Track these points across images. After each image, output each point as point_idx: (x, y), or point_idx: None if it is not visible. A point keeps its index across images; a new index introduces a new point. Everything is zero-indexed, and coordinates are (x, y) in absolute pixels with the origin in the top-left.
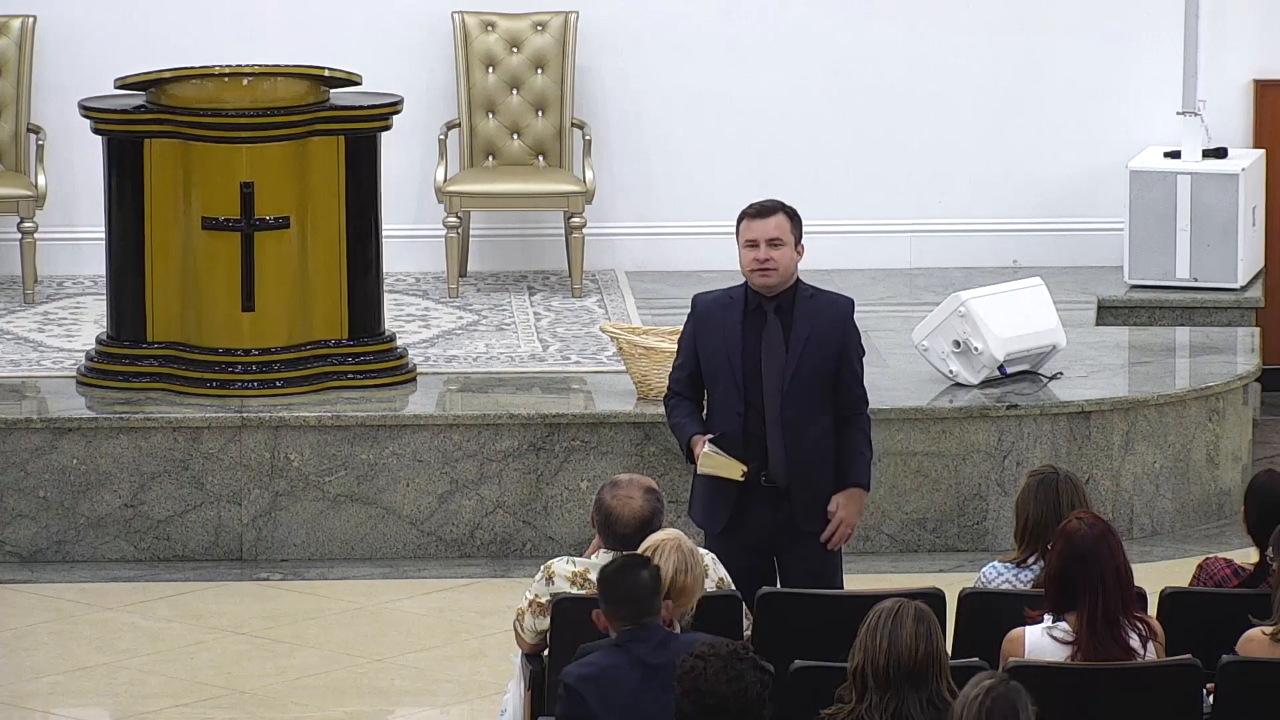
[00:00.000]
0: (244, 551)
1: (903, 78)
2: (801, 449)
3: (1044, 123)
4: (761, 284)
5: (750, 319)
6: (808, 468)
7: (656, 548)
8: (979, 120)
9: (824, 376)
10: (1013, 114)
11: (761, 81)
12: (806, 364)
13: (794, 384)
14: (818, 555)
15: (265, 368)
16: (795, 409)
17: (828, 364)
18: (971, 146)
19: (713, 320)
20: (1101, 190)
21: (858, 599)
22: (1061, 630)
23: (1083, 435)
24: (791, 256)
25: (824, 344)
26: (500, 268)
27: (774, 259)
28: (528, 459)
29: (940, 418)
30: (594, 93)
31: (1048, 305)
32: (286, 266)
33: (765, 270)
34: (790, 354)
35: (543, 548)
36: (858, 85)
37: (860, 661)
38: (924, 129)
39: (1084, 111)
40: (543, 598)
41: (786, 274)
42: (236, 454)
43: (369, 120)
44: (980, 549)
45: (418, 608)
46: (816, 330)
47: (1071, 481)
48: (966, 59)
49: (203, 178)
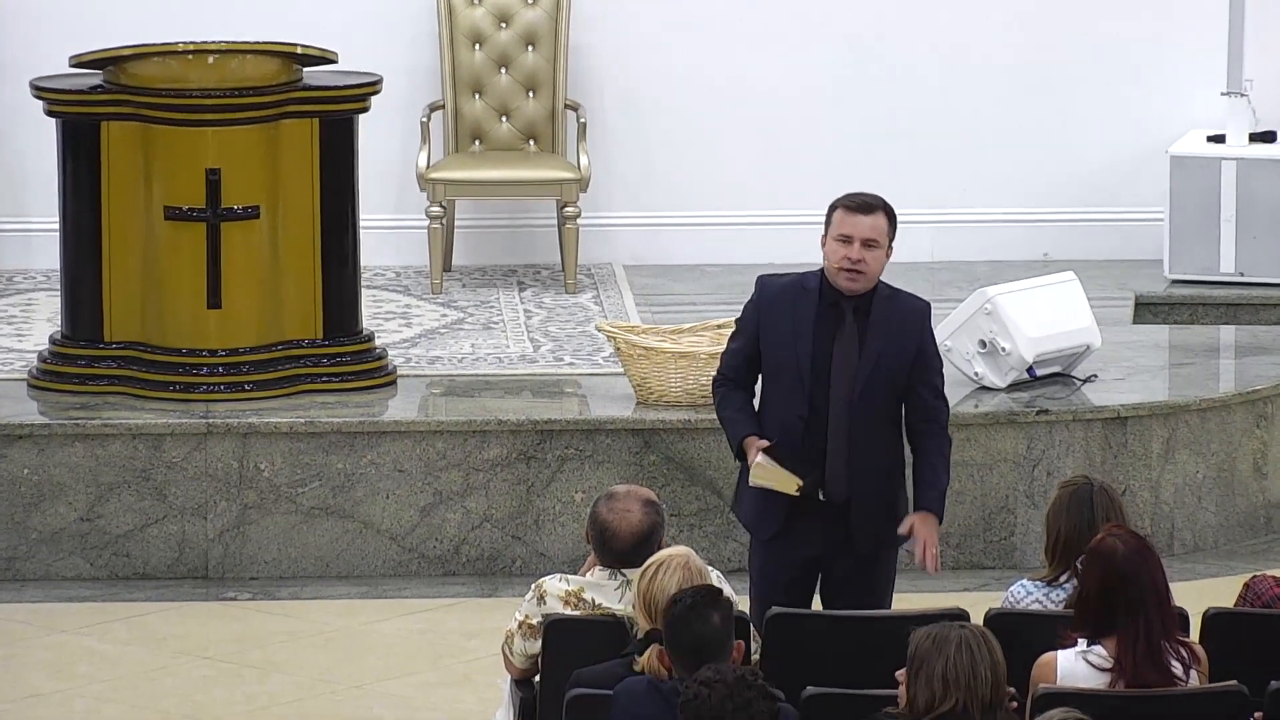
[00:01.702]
0: (210, 569)
1: (924, 55)
2: (865, 465)
3: (1077, 104)
4: (848, 287)
5: (824, 316)
6: (870, 485)
7: (662, 564)
8: (1006, 101)
9: (896, 387)
10: (1043, 94)
11: (771, 59)
12: (880, 374)
13: (865, 395)
14: (871, 574)
15: (233, 370)
16: (863, 422)
17: (901, 374)
18: (998, 130)
19: (781, 309)
20: (1140, 177)
21: (874, 620)
22: (1097, 655)
23: (1119, 443)
24: (883, 261)
25: (900, 352)
26: (487, 261)
27: (866, 261)
28: (517, 469)
29: (964, 424)
30: (590, 72)
31: (1081, 302)
32: (256, 260)
33: (855, 273)
34: (864, 362)
35: (534, 565)
36: (875, 63)
37: (928, 699)
38: (946, 110)
39: (1120, 91)
40: (534, 619)
41: (875, 279)
42: (202, 463)
43: (345, 101)
44: (1007, 566)
45: (398, 630)
46: (894, 337)
47: (1106, 493)
48: (993, 34)
49: (165, 164)
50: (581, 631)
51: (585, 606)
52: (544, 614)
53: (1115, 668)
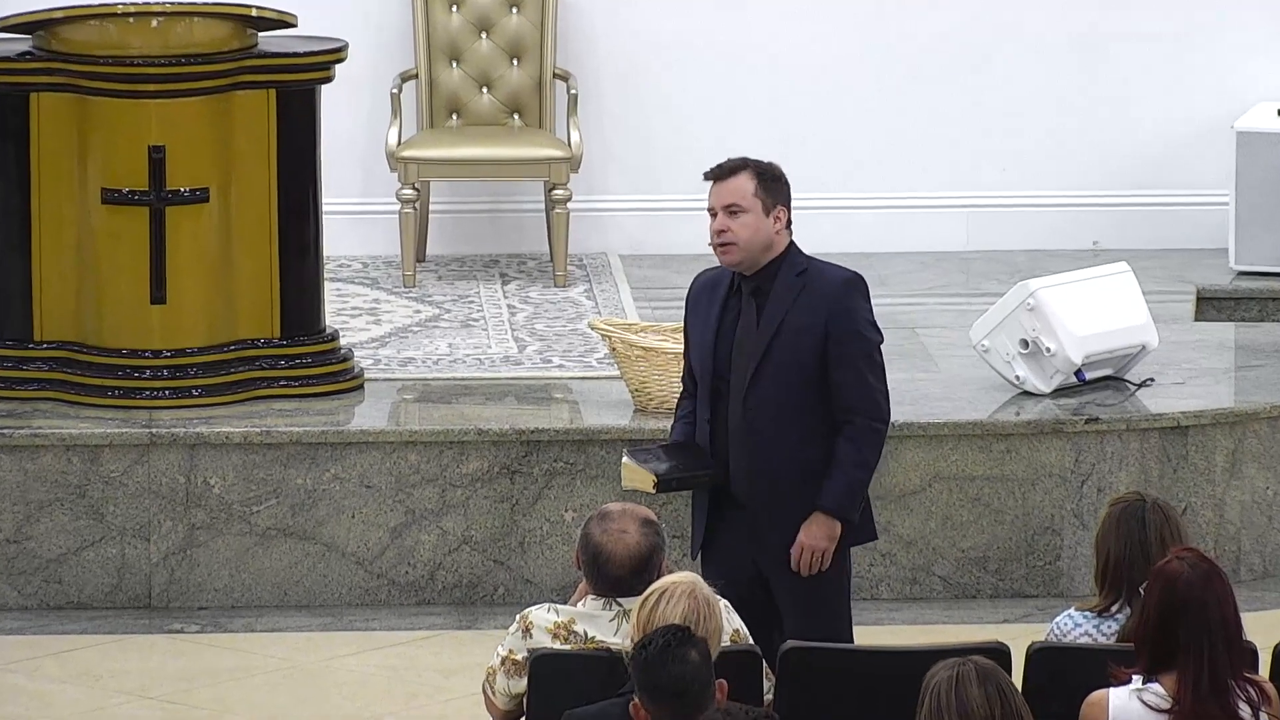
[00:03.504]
0: (153, 597)
1: (958, 22)
2: (771, 465)
3: (1129, 74)
4: (725, 262)
5: (729, 303)
6: (777, 485)
7: (665, 591)
8: (1050, 72)
9: (804, 373)
10: (1092, 63)
11: (788, 23)
12: (776, 356)
13: (759, 380)
14: (806, 589)
15: (179, 373)
16: (761, 412)
17: (808, 356)
18: (1041, 104)
19: (700, 306)
20: (1201, 156)
21: (900, 656)
22: (1155, 694)
23: (1179, 455)
24: (758, 226)
25: (805, 331)
26: (466, 250)
27: (732, 230)
28: (500, 485)
29: (1004, 434)
30: (582, 36)
31: (1136, 296)
32: (205, 249)
33: (724, 246)
34: (756, 346)
35: (518, 593)
36: (903, 29)
37: None
38: (983, 83)
39: (1178, 60)
40: (518, 654)
41: (752, 249)
42: (144, 478)
43: (306, 70)
44: (1053, 594)
45: (366, 666)
46: (794, 313)
47: (1162, 511)
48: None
49: (102, 140)
50: (572, 668)
51: (576, 640)
52: (530, 648)
53: (1174, 707)
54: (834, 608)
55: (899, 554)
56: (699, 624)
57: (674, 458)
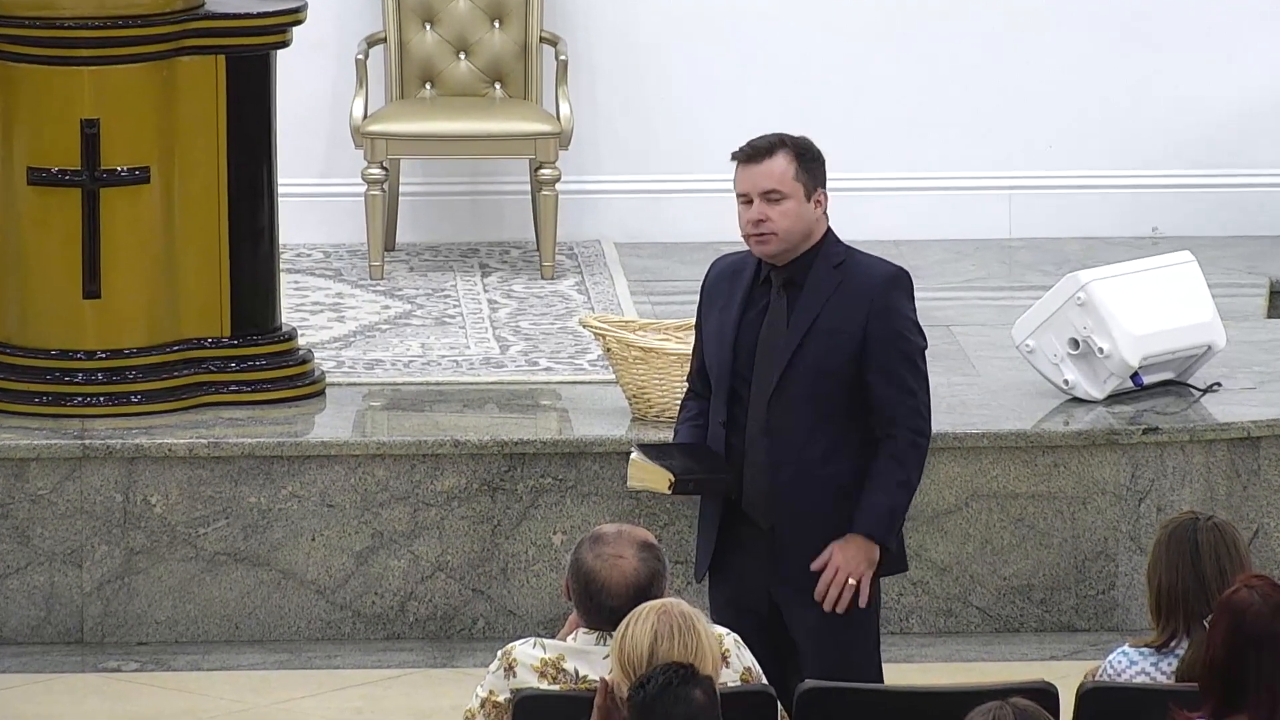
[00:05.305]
0: (86, 631)
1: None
2: (793, 476)
3: (1189, 43)
4: (761, 252)
5: (754, 295)
6: (804, 505)
7: (635, 616)
8: (1100, 41)
9: (836, 376)
10: (1148, 30)
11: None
12: (808, 356)
13: (786, 384)
14: (829, 624)
15: (116, 376)
16: (786, 419)
17: (843, 358)
18: (1090, 75)
19: (718, 296)
20: (1270, 134)
21: (933, 697)
22: None
23: (1249, 470)
24: (799, 213)
25: (842, 329)
26: (442, 238)
27: (772, 219)
28: (480, 503)
29: (1051, 446)
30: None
31: (1200, 290)
32: (145, 236)
33: (762, 236)
34: (787, 343)
35: (499, 626)
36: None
37: None
38: (1026, 51)
39: (1244, 27)
40: (500, 695)
41: (792, 237)
42: (76, 496)
43: (259, 34)
44: (1106, 628)
45: (327, 709)
46: (831, 309)
47: (1218, 531)
48: None
49: (29, 113)
50: (561, 710)
51: (566, 679)
52: (513, 688)
53: None
54: (860, 645)
55: (932, 582)
56: (669, 639)
57: (690, 458)
